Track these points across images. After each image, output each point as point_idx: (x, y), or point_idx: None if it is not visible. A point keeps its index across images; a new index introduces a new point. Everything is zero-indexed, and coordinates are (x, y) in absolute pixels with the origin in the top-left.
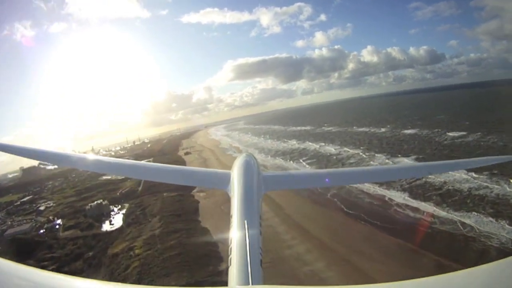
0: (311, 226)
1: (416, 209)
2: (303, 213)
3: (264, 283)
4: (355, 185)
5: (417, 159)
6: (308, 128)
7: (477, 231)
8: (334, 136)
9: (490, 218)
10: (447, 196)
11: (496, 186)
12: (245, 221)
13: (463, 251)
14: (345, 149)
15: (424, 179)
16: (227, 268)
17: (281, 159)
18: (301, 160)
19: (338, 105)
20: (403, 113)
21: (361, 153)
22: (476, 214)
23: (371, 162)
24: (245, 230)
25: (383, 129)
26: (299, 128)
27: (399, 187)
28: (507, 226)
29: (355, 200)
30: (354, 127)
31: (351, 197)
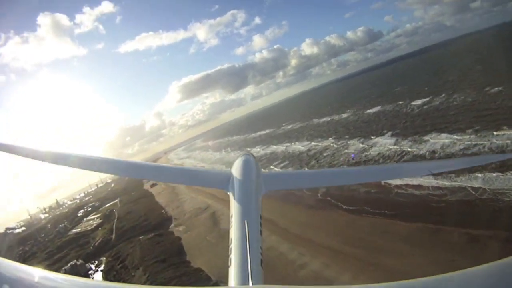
0: (315, 235)
1: (418, 187)
2: (300, 222)
3: (264, 283)
4: None
5: (393, 135)
6: (267, 131)
7: (488, 190)
8: (297, 133)
9: (495, 173)
10: None
11: (485, 142)
12: (245, 221)
13: (486, 215)
14: (314, 143)
15: (411, 153)
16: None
17: None
18: (272, 166)
19: (290, 102)
20: (359, 95)
21: (332, 144)
22: (480, 174)
23: (346, 150)
24: (245, 230)
25: (345, 115)
26: (258, 133)
27: None
28: None
29: (350, 194)
30: (315, 120)
31: (344, 191)
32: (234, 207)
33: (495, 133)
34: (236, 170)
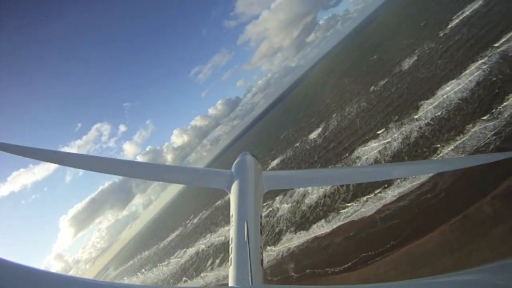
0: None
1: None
2: None
3: (264, 283)
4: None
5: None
6: (177, 232)
7: None
8: (210, 222)
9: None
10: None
11: (415, 125)
12: (246, 221)
13: None
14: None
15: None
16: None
17: None
18: None
19: (182, 197)
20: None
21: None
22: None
23: None
24: (245, 229)
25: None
26: (168, 239)
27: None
28: None
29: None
30: (218, 202)
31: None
32: (234, 207)
33: (415, 116)
34: (236, 169)
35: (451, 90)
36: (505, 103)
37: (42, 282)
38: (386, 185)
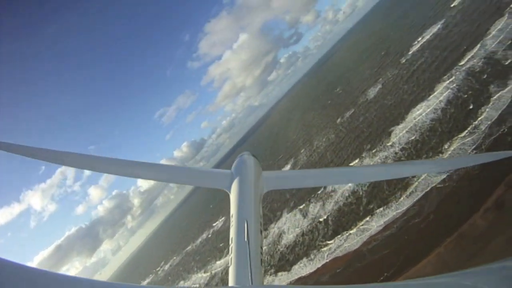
0: None
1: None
2: None
3: (264, 283)
4: None
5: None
6: (148, 280)
7: None
8: (181, 268)
9: None
10: None
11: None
12: (246, 221)
13: None
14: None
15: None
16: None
17: None
18: None
19: (151, 242)
20: (215, 203)
21: None
22: None
23: None
24: (245, 229)
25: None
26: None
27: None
28: None
29: None
30: (189, 248)
31: None
32: (234, 207)
33: (388, 143)
34: (236, 169)
35: (422, 113)
36: (480, 117)
37: (42, 282)
38: (368, 218)
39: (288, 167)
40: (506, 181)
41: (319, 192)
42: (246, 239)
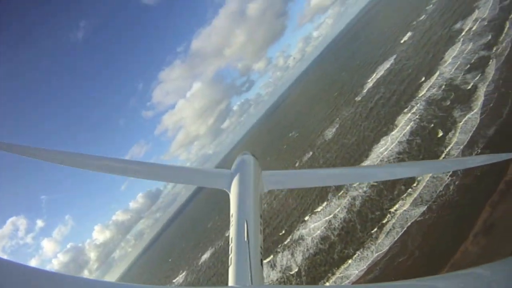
0: None
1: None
2: None
3: (264, 283)
4: None
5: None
6: None
7: None
8: None
9: None
10: None
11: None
12: (245, 221)
13: None
14: None
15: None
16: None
17: None
18: None
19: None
20: (177, 254)
21: None
22: None
23: None
24: (245, 229)
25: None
26: None
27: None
28: None
29: None
30: None
31: None
32: (234, 207)
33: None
34: (236, 169)
35: (387, 148)
36: (451, 143)
37: (42, 282)
38: (347, 264)
39: None
40: (489, 202)
41: (285, 242)
42: (246, 239)
